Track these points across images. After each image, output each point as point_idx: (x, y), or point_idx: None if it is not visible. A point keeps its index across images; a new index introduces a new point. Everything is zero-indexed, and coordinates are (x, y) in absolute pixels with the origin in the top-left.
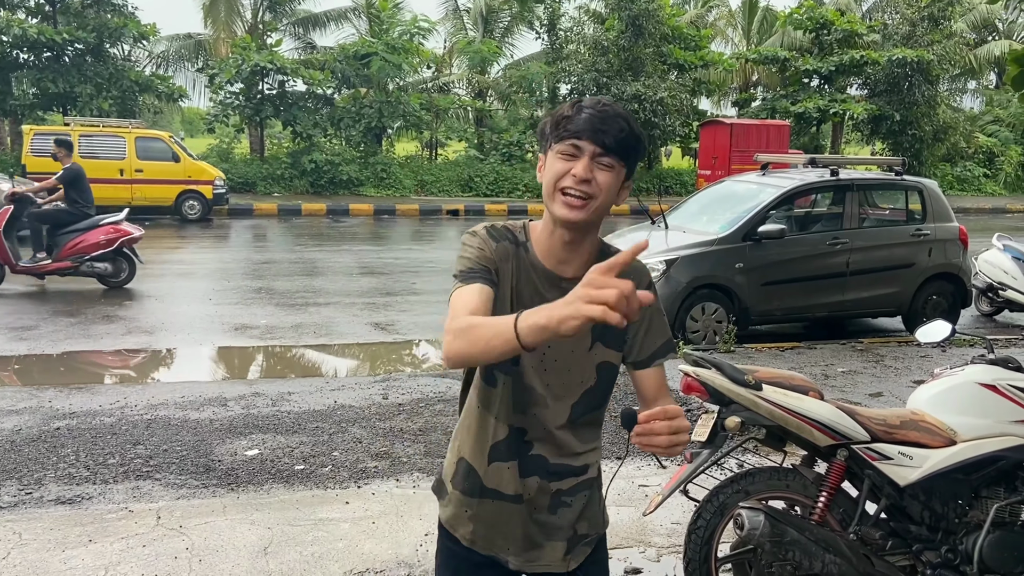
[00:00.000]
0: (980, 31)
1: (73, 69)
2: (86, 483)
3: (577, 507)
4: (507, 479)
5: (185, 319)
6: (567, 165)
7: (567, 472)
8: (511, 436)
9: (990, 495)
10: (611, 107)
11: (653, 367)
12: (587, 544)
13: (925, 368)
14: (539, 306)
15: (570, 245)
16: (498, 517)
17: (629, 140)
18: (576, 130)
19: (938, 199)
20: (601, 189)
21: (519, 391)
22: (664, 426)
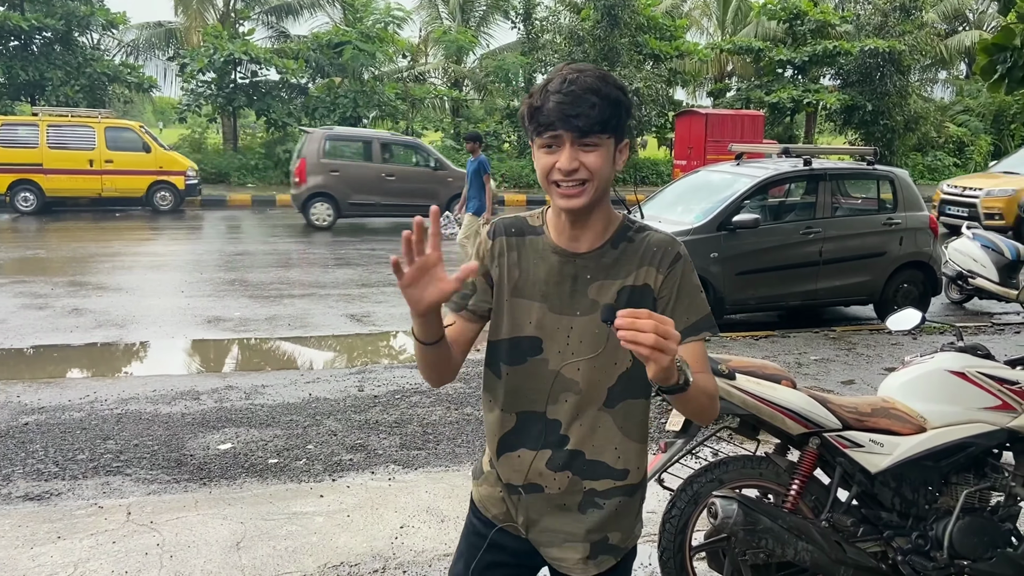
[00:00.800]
0: (951, 21)
1: (41, 58)
2: (55, 479)
3: (609, 511)
4: (519, 470)
5: (157, 312)
6: (551, 158)
7: (604, 472)
8: (524, 425)
9: (959, 481)
10: (578, 82)
11: (686, 343)
12: (614, 555)
13: (896, 355)
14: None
15: (577, 224)
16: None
17: (604, 112)
18: (548, 122)
19: (909, 188)
20: (592, 171)
21: (544, 379)
22: (650, 324)
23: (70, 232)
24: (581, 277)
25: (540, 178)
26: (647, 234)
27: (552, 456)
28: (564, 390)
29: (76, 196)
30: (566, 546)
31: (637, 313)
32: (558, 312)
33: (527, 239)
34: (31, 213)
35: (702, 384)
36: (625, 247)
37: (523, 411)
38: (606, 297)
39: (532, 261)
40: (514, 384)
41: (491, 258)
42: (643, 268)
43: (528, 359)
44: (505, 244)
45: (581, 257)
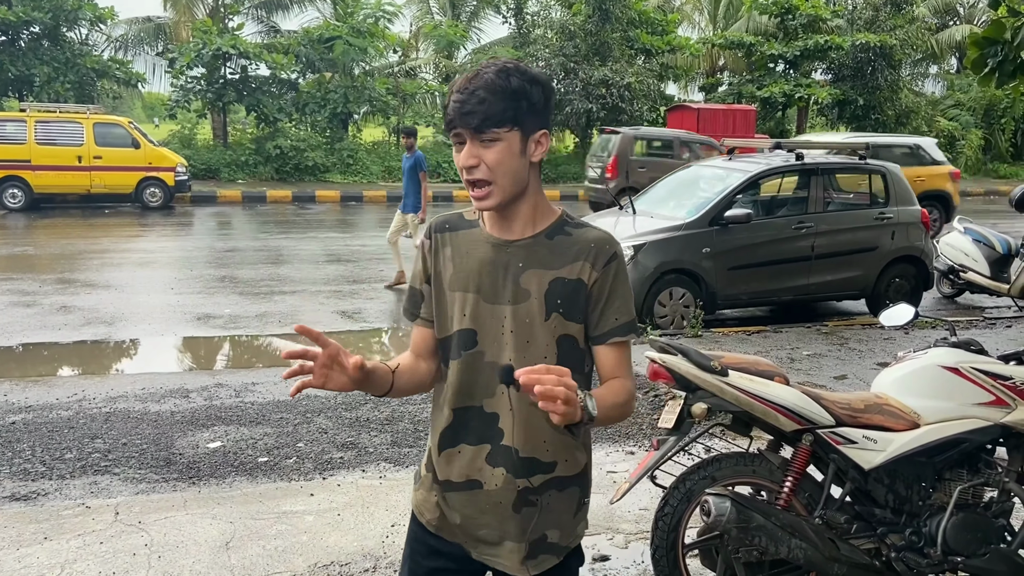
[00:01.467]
0: (942, 16)
1: (29, 53)
2: (42, 479)
3: (543, 508)
4: (457, 466)
5: (146, 309)
6: (458, 157)
7: (536, 468)
8: (462, 420)
9: (953, 477)
10: (477, 78)
11: (609, 344)
12: (555, 554)
13: (888, 350)
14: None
15: (502, 216)
16: (455, 506)
17: (496, 106)
18: (449, 121)
19: (901, 183)
20: (492, 167)
21: (481, 371)
22: (553, 379)
23: (58, 229)
24: (513, 265)
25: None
26: (585, 230)
27: (491, 451)
28: (499, 382)
29: (65, 193)
30: (505, 545)
31: (535, 370)
32: (491, 302)
33: (461, 233)
34: (19, 210)
35: (611, 401)
36: (561, 240)
37: (462, 406)
38: (537, 286)
39: (466, 253)
40: (455, 379)
41: (430, 258)
42: (578, 263)
43: (464, 353)
44: (439, 241)
45: (513, 244)
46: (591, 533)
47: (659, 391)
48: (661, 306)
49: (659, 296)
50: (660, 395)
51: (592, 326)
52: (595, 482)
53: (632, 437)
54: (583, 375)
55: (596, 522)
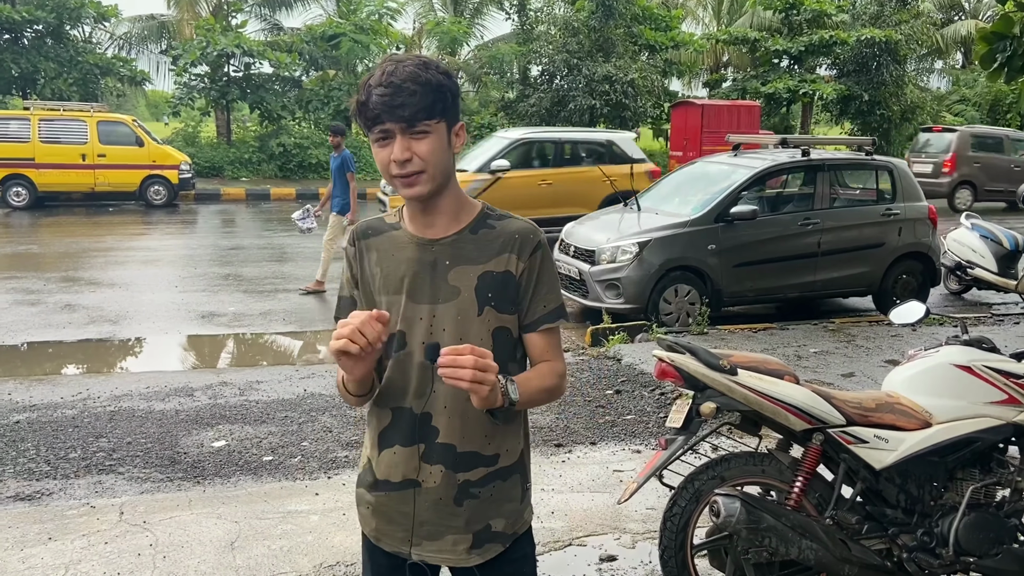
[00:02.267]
0: (947, 11)
1: (32, 51)
2: (46, 478)
3: (486, 499)
4: (395, 466)
5: (150, 307)
6: (386, 151)
7: (476, 461)
8: (397, 421)
9: (965, 477)
10: (397, 73)
11: (539, 332)
12: (500, 542)
13: (896, 348)
14: None
15: (426, 211)
16: (392, 508)
17: (427, 98)
18: (374, 117)
19: (908, 179)
20: (426, 159)
21: (412, 371)
22: (470, 360)
23: (62, 227)
24: (440, 263)
25: (381, 172)
26: (507, 221)
27: (426, 450)
28: (431, 381)
29: (69, 191)
30: (448, 538)
31: (459, 350)
32: (419, 302)
33: (384, 236)
34: (23, 208)
35: (536, 385)
36: (485, 233)
37: (395, 406)
38: (467, 282)
39: (391, 256)
40: (388, 380)
41: (355, 265)
42: (504, 255)
43: (395, 354)
44: (364, 246)
45: (437, 243)
46: (598, 533)
47: (664, 389)
48: (666, 303)
49: (664, 293)
50: (666, 393)
51: (522, 315)
52: (602, 481)
53: (638, 435)
54: (517, 363)
55: (603, 521)
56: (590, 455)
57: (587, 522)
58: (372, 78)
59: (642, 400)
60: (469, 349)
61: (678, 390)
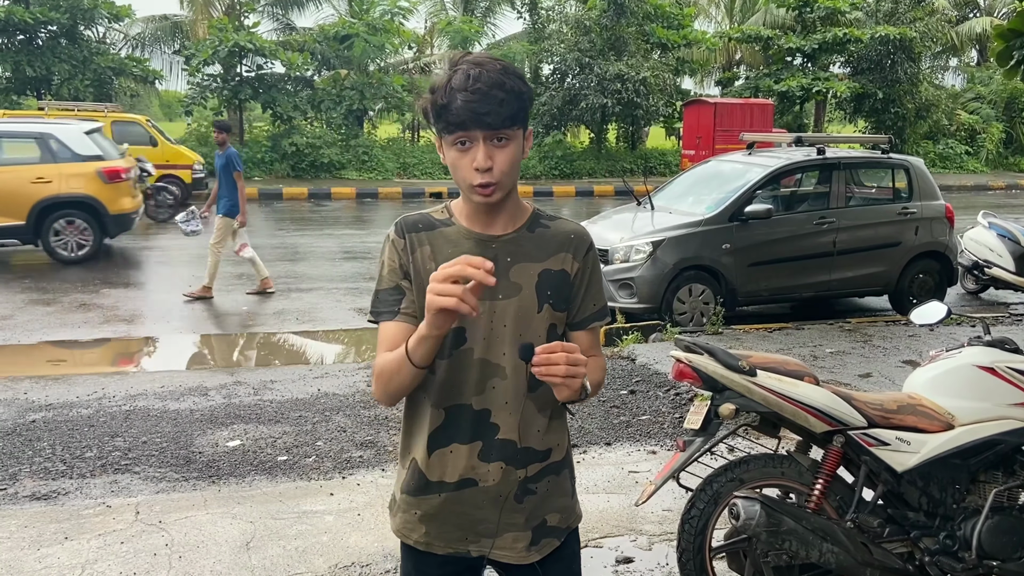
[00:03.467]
0: (962, 8)
1: (47, 52)
2: (62, 478)
3: (543, 495)
4: (452, 465)
5: (164, 307)
6: (465, 157)
7: (532, 457)
8: (454, 419)
9: (988, 480)
10: (483, 76)
11: (587, 329)
12: (556, 536)
13: (913, 348)
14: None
15: (492, 211)
16: (448, 508)
17: (513, 105)
18: (459, 121)
19: (924, 177)
20: (504, 169)
21: (471, 368)
22: (562, 356)
23: None
24: (501, 260)
25: (454, 176)
26: (559, 222)
27: (483, 447)
28: (491, 377)
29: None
30: (507, 536)
31: (551, 347)
32: (480, 298)
33: (437, 232)
34: None
35: (595, 379)
36: (541, 232)
37: (451, 404)
38: (528, 279)
39: (447, 251)
40: (443, 379)
41: (405, 257)
42: (561, 254)
43: (454, 351)
44: (415, 239)
45: (498, 240)
46: (614, 535)
47: (679, 390)
48: (680, 303)
49: (678, 293)
50: (681, 393)
51: (573, 313)
52: (617, 482)
53: (653, 436)
54: None
55: (619, 523)
56: (605, 456)
57: (603, 523)
58: (454, 79)
59: (657, 400)
60: (560, 346)
61: (693, 390)
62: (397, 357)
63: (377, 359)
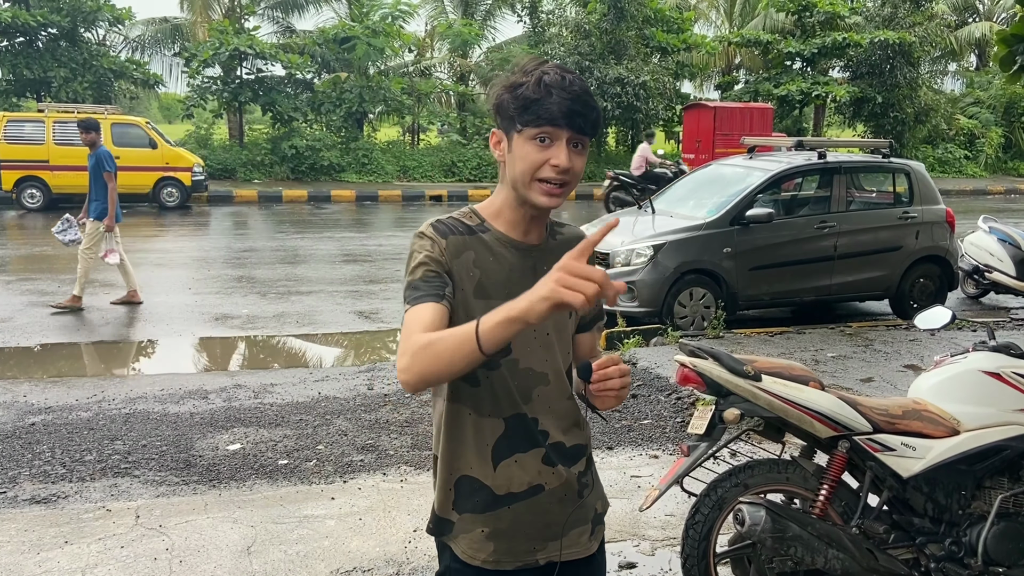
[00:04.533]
0: (961, 13)
1: (47, 54)
2: (62, 481)
3: (592, 486)
4: (517, 476)
5: (164, 309)
6: (544, 154)
7: (579, 452)
8: (513, 429)
9: (994, 486)
10: (578, 84)
11: (592, 331)
12: (602, 523)
13: (915, 352)
14: (496, 308)
15: (537, 219)
16: (519, 520)
17: (599, 117)
18: (551, 116)
19: (925, 181)
20: (577, 174)
21: (517, 378)
22: (616, 370)
23: None
24: (540, 269)
25: (522, 172)
26: (567, 227)
27: (545, 454)
28: (536, 385)
29: (83, 193)
30: (573, 533)
31: (604, 363)
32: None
33: (475, 237)
34: (37, 210)
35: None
36: (561, 239)
37: (508, 415)
38: None
39: (489, 259)
40: (492, 389)
41: (447, 258)
42: None
43: (501, 361)
44: (460, 243)
45: (536, 249)
46: (616, 539)
47: (681, 394)
48: (681, 306)
49: (679, 296)
50: (683, 397)
51: (582, 316)
52: (619, 486)
53: (655, 440)
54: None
55: (622, 528)
56: (607, 460)
57: (606, 528)
58: (547, 77)
59: (659, 404)
60: (611, 360)
61: (695, 394)
62: (460, 335)
63: (418, 336)
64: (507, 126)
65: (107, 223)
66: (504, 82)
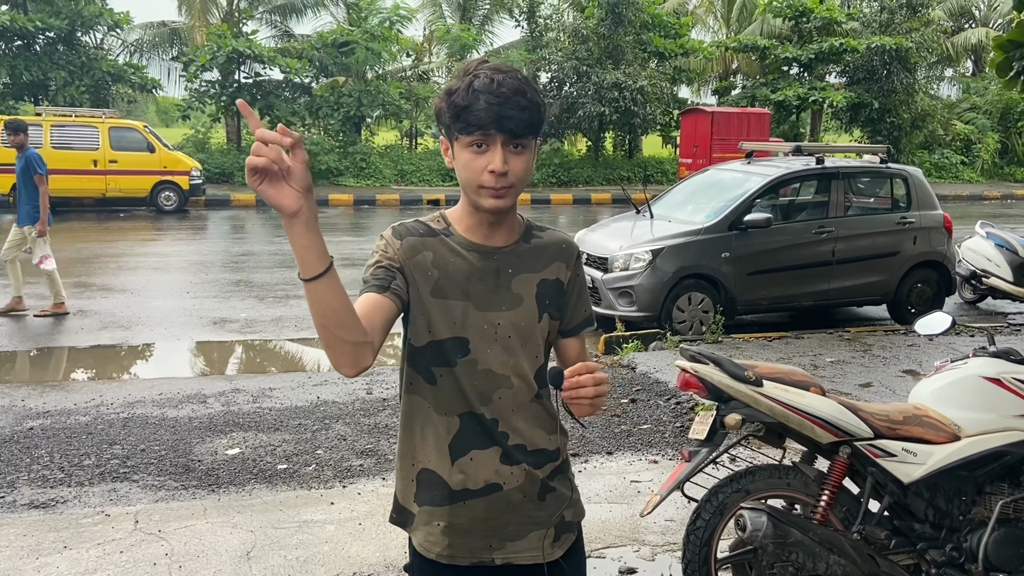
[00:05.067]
0: (957, 19)
1: (44, 58)
2: (61, 486)
3: (560, 492)
4: (473, 473)
5: (162, 313)
6: (481, 160)
7: (546, 458)
8: (470, 427)
9: (995, 491)
10: (506, 82)
11: (578, 337)
12: (572, 531)
13: (913, 358)
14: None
15: (496, 222)
16: (475, 516)
17: (534, 114)
18: (480, 123)
19: (923, 187)
20: (519, 175)
21: (476, 378)
22: (589, 378)
23: (74, 233)
24: (503, 271)
25: (465, 180)
26: (550, 232)
27: (504, 453)
28: (497, 387)
29: (80, 196)
30: (532, 535)
31: (577, 370)
32: (484, 309)
33: (438, 239)
34: None
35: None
36: (536, 243)
37: (462, 412)
38: (528, 290)
39: (449, 260)
40: (449, 387)
41: (403, 256)
42: (555, 264)
43: (457, 361)
44: (417, 243)
45: (499, 252)
46: (617, 545)
47: (680, 398)
48: (680, 311)
49: (678, 301)
50: (682, 402)
51: (565, 320)
52: (619, 491)
53: (655, 445)
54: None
55: (622, 533)
56: (606, 465)
57: (605, 534)
58: (476, 82)
59: (658, 409)
60: (585, 367)
61: (694, 399)
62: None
63: None
64: (448, 134)
65: (40, 228)
66: (444, 88)
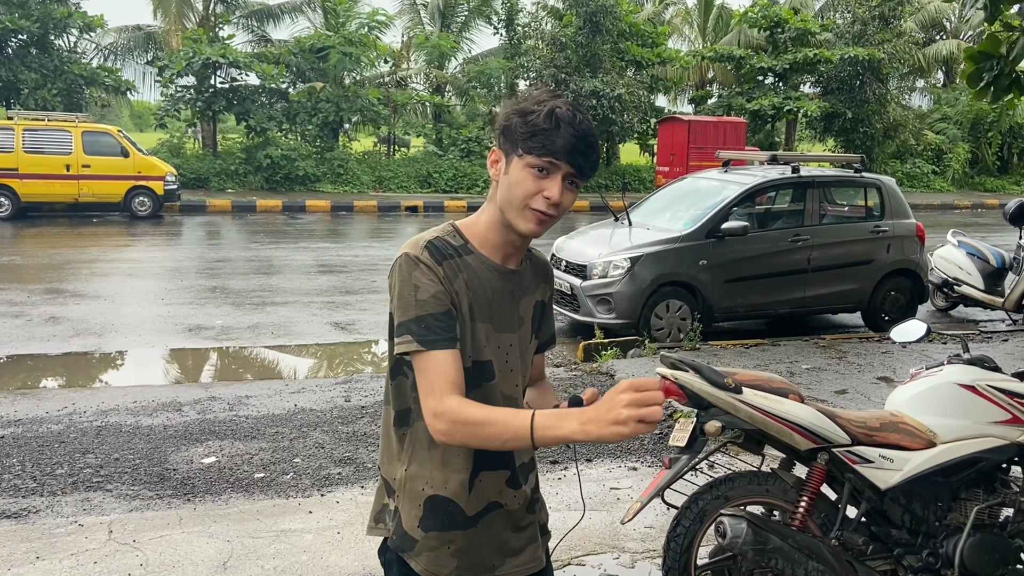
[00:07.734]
0: (928, 31)
1: (16, 60)
2: (33, 495)
3: (540, 499)
4: (482, 493)
5: (136, 320)
6: (539, 184)
7: (531, 468)
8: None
9: (970, 497)
10: (586, 124)
11: (542, 353)
12: (548, 534)
13: (887, 365)
14: (556, 411)
15: (520, 247)
16: (480, 536)
17: (597, 163)
18: (555, 149)
19: (896, 196)
20: (565, 209)
21: (495, 401)
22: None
23: (46, 238)
24: (516, 294)
25: (515, 198)
26: (535, 252)
27: (510, 476)
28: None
29: (52, 201)
30: (529, 548)
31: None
32: (501, 331)
33: (466, 260)
34: (6, 219)
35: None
36: (530, 264)
37: None
38: (528, 311)
39: (476, 282)
40: None
41: (448, 285)
42: (543, 285)
43: (484, 384)
44: (454, 266)
45: (515, 274)
46: (596, 552)
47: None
48: (658, 319)
49: (656, 308)
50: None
51: (540, 337)
52: (599, 499)
53: (634, 452)
54: None
55: (601, 540)
56: (586, 472)
57: (585, 541)
58: (559, 111)
59: None
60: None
61: (674, 407)
62: (513, 429)
63: (453, 399)
64: (509, 148)
65: None
66: (516, 106)
